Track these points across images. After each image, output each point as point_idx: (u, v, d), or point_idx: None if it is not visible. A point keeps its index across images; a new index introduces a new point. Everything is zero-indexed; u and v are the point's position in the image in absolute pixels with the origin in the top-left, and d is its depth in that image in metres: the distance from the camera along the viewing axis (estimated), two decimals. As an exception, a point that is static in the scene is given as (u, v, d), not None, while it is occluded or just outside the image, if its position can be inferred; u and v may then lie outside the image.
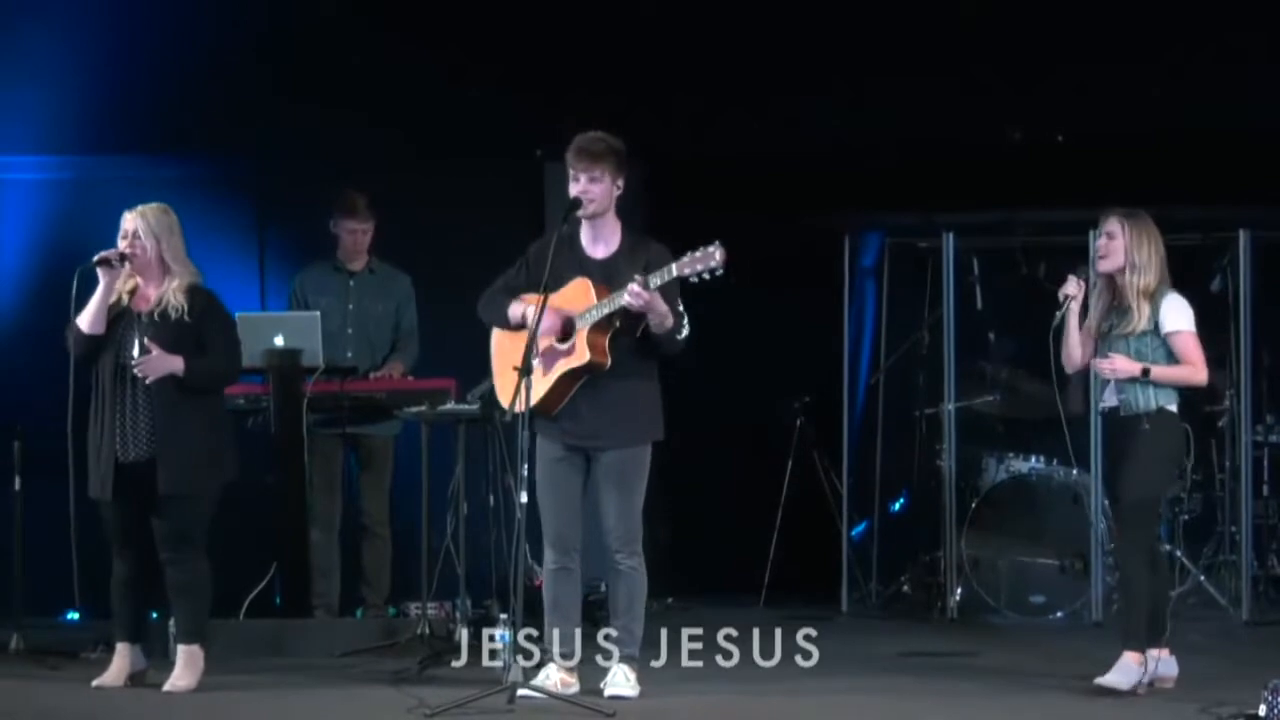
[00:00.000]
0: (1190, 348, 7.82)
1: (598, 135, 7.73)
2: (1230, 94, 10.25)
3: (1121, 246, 7.83)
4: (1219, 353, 10.59)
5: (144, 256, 7.91)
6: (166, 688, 7.88)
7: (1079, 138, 10.71)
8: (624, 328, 7.64)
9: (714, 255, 7.48)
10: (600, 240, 7.79)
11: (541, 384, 7.63)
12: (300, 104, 10.50)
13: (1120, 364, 7.78)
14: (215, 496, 7.95)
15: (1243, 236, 10.40)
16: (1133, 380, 7.78)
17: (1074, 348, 7.95)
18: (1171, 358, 7.81)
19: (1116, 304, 7.90)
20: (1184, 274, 9.01)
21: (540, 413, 7.64)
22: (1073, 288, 7.93)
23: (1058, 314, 7.95)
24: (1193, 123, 10.35)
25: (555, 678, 7.66)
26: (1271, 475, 10.86)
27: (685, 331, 7.69)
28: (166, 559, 7.90)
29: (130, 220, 7.94)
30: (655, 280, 7.50)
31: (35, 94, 10.33)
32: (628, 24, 10.50)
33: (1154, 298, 7.82)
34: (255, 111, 10.51)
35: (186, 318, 7.87)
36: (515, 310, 7.73)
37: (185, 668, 7.93)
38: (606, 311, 7.57)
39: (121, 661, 8.04)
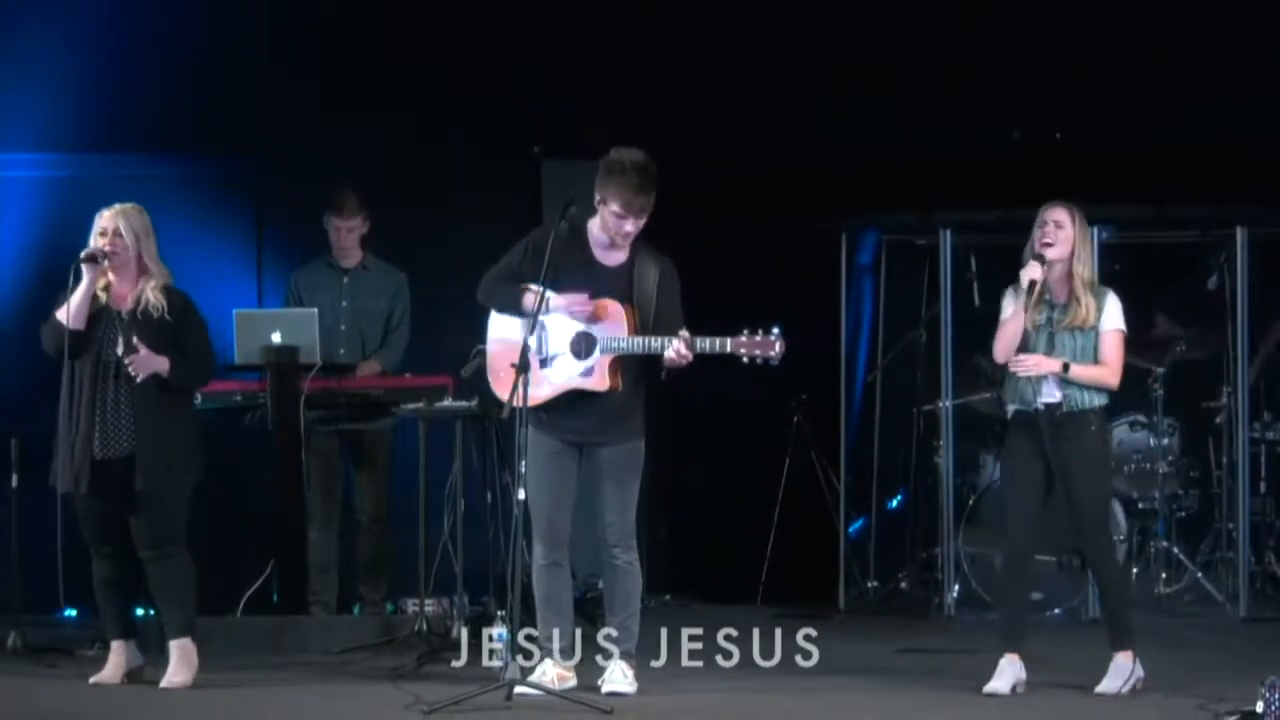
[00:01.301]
0: (1118, 349, 7.77)
1: (644, 166, 7.62)
2: (1228, 93, 10.26)
3: (1069, 237, 7.77)
4: (1216, 350, 10.62)
5: (124, 255, 7.92)
6: (163, 684, 7.89)
7: (1077, 136, 10.72)
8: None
9: (774, 345, 7.51)
10: (613, 247, 7.77)
11: (544, 389, 7.61)
12: (299, 103, 10.51)
13: (1044, 361, 7.72)
14: (188, 495, 7.96)
15: (1240, 234, 10.39)
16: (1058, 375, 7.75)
17: (1017, 336, 7.79)
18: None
19: (1049, 297, 7.83)
20: (1181, 271, 9.08)
21: (536, 407, 7.61)
22: (1037, 273, 7.78)
23: (1020, 298, 7.76)
24: (1190, 121, 10.36)
25: (552, 673, 7.65)
26: (1269, 472, 10.84)
27: None
28: (146, 558, 7.91)
29: (110, 218, 7.94)
30: (703, 346, 7.50)
31: (34, 92, 10.34)
32: (627, 24, 10.51)
33: (1096, 292, 7.79)
34: (254, 111, 10.52)
35: (167, 317, 7.89)
36: (529, 300, 7.64)
37: (180, 664, 7.93)
38: (639, 353, 7.57)
39: (117, 659, 8.05)
